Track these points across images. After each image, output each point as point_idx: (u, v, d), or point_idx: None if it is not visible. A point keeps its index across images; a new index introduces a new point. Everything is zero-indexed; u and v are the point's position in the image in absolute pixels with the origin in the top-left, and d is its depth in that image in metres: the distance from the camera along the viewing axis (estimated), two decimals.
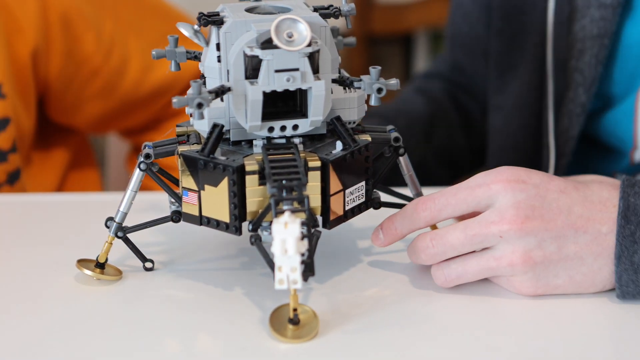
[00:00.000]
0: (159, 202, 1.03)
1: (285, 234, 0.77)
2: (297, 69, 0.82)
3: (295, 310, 0.81)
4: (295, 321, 0.81)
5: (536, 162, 1.21)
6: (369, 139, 0.88)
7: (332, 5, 0.87)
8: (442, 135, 1.35)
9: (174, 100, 0.80)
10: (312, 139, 0.88)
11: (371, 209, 0.90)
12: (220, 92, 0.83)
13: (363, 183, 0.88)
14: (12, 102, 1.20)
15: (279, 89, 0.82)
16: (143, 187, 0.92)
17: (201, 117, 0.81)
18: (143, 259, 0.92)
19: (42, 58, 1.22)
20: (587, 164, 1.28)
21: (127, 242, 0.91)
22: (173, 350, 0.81)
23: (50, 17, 1.21)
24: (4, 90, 1.17)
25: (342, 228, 0.93)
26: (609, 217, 0.84)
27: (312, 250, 0.82)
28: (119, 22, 1.30)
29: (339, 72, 0.89)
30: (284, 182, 0.81)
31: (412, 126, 1.32)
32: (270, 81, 0.82)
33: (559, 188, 0.85)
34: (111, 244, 0.90)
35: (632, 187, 0.85)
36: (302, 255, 0.79)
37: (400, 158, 0.92)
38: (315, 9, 0.87)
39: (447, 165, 1.36)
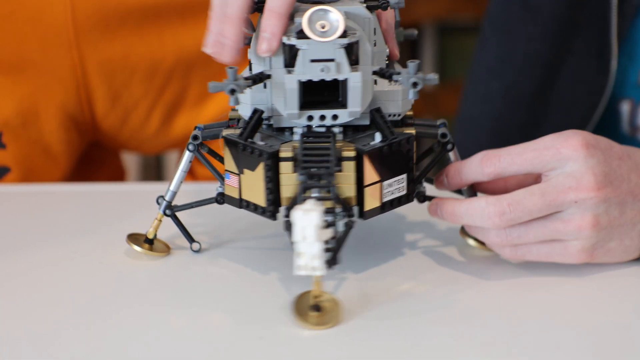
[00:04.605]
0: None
1: (305, 221, 0.78)
2: (332, 60, 0.82)
3: (317, 297, 0.82)
4: (317, 308, 0.82)
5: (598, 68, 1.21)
6: (413, 132, 0.88)
7: None
8: None
9: (210, 85, 0.82)
10: (355, 130, 0.88)
11: (415, 202, 0.90)
12: (258, 79, 0.84)
13: (404, 176, 0.87)
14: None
15: (315, 79, 0.83)
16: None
17: (236, 102, 0.83)
18: (190, 239, 0.94)
19: None
20: None
21: (176, 220, 0.93)
22: (197, 327, 0.83)
23: None
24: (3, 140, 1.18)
25: (386, 219, 0.93)
26: None
27: (339, 238, 0.82)
28: None
29: (387, 64, 0.89)
30: (313, 169, 0.81)
31: None
32: (305, 70, 0.83)
33: (618, 155, 0.87)
34: (160, 221, 0.93)
35: None
36: (327, 243, 0.79)
37: (450, 153, 0.91)
38: (366, 0, 0.87)
39: None
